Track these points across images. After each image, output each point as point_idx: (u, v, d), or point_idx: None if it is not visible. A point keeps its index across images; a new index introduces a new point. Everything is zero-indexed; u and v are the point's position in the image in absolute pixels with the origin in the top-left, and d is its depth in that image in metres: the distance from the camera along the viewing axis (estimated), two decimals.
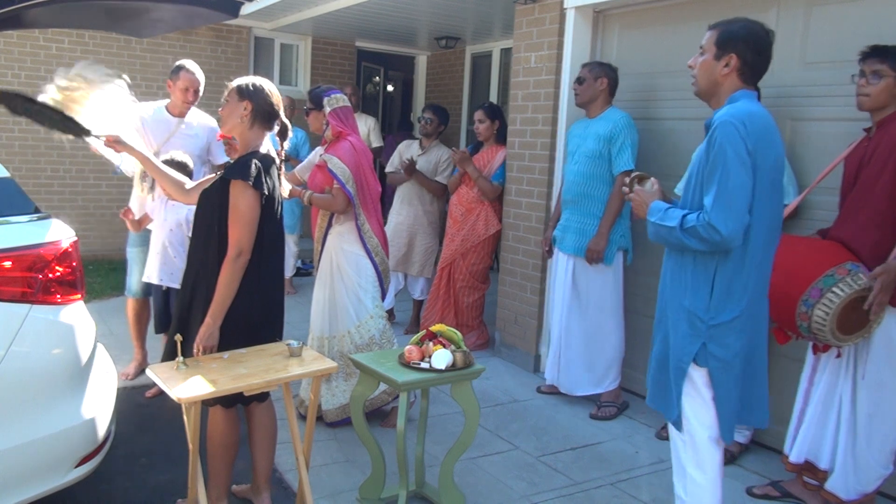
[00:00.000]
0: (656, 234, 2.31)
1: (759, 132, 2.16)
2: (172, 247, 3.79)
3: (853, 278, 2.66)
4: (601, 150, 3.96)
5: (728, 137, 2.13)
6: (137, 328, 4.32)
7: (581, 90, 4.08)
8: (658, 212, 2.30)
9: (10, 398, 2.27)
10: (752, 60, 2.26)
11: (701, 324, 2.25)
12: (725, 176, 2.13)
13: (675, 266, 2.35)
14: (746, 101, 2.24)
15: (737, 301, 2.23)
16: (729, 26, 2.28)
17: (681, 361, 2.29)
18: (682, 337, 2.29)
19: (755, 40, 2.25)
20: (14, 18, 3.87)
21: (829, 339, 2.72)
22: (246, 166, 2.56)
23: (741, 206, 2.13)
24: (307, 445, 2.75)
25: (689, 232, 2.18)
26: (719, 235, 2.12)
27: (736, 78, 2.28)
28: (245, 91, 2.66)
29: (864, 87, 2.80)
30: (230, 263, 2.53)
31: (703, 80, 2.34)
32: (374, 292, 3.67)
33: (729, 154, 2.12)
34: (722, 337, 2.24)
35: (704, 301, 2.25)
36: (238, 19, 7.48)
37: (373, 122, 7.04)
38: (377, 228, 3.70)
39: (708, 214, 2.13)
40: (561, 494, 3.18)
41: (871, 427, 2.84)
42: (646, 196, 2.38)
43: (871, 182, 2.77)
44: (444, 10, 6.46)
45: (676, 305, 2.32)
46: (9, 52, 7.07)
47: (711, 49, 2.29)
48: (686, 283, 2.29)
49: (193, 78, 4.21)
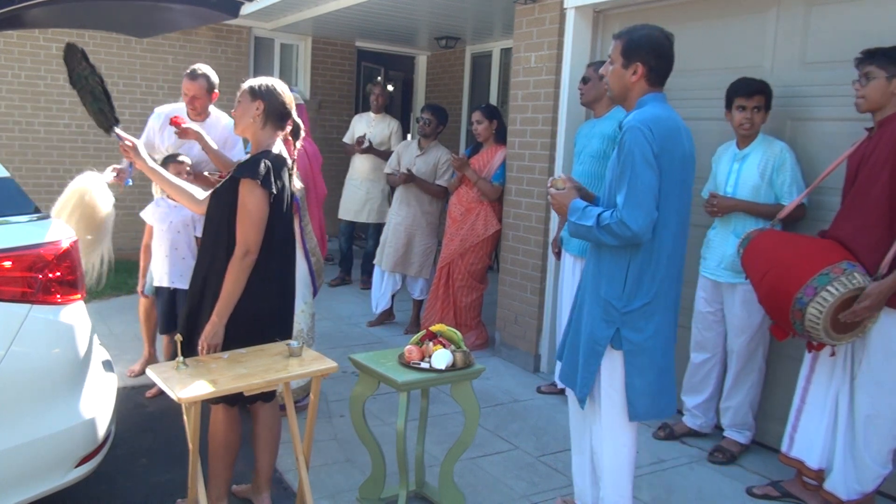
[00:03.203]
0: (576, 232, 2.48)
1: (664, 135, 2.34)
2: (181, 248, 3.80)
3: (848, 277, 2.67)
4: (606, 149, 3.95)
5: (636, 141, 2.32)
6: (148, 326, 4.29)
7: (585, 90, 4.08)
8: (577, 211, 2.48)
9: (11, 398, 2.27)
10: (655, 65, 2.45)
11: (614, 311, 2.43)
12: (634, 177, 2.32)
13: (594, 259, 2.54)
14: (653, 105, 2.43)
15: (646, 290, 2.42)
16: (631, 36, 2.46)
17: (597, 345, 2.47)
18: (597, 322, 2.47)
19: (656, 46, 2.44)
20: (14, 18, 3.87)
21: (823, 337, 2.73)
22: (255, 165, 2.56)
23: (649, 204, 2.32)
24: (307, 445, 2.75)
25: (604, 229, 2.36)
26: (630, 231, 2.31)
27: (644, 82, 2.46)
28: (257, 91, 2.66)
29: (859, 90, 2.84)
30: (237, 262, 2.54)
31: (615, 86, 2.52)
32: (303, 289, 3.75)
33: (637, 157, 2.32)
34: (634, 322, 2.42)
35: (618, 290, 2.43)
36: (238, 19, 7.48)
37: (396, 126, 6.78)
38: (317, 229, 3.87)
39: (620, 212, 2.32)
40: (561, 494, 3.18)
41: (868, 427, 2.84)
42: (562, 197, 2.55)
43: (869, 181, 2.78)
44: (444, 10, 6.46)
45: (594, 294, 2.50)
46: (9, 52, 7.07)
47: (619, 59, 2.47)
48: (602, 274, 2.48)
49: (189, 84, 4.00)
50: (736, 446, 3.57)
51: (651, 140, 2.31)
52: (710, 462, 3.53)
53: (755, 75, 3.43)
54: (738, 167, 3.43)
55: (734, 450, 3.56)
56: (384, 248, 5.60)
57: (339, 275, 7.06)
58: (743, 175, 3.39)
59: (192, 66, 4.09)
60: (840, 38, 3.33)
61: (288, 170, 2.72)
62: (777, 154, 3.31)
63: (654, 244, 2.39)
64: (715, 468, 3.49)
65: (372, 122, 6.74)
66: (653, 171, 2.32)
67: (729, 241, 3.40)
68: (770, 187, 3.34)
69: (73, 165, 7.47)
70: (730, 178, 3.45)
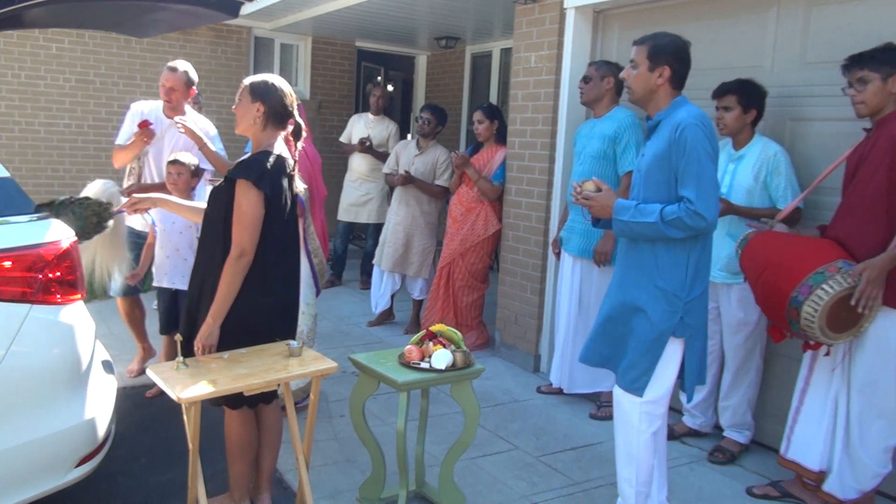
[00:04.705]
0: (629, 230, 2.58)
1: (712, 130, 2.53)
2: (184, 249, 3.80)
3: (843, 276, 2.67)
4: (606, 150, 3.95)
5: (697, 137, 2.46)
6: (134, 326, 4.31)
7: (587, 89, 4.06)
8: (628, 210, 2.58)
9: (10, 398, 2.27)
10: (679, 69, 2.61)
11: (678, 301, 2.56)
12: (702, 170, 2.46)
13: (642, 255, 2.62)
14: (689, 105, 2.59)
15: (703, 278, 2.60)
16: (656, 41, 2.61)
17: (662, 335, 2.58)
18: (661, 314, 2.57)
19: (680, 52, 2.61)
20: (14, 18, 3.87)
21: (819, 336, 2.73)
22: (251, 166, 2.55)
23: (716, 195, 2.50)
24: (307, 445, 2.75)
25: (672, 223, 2.47)
26: (705, 221, 2.44)
27: (668, 85, 2.61)
28: (257, 92, 2.63)
29: (856, 95, 2.83)
30: (232, 263, 2.52)
31: (640, 89, 2.65)
32: (306, 290, 3.74)
33: (701, 151, 2.46)
34: (695, 309, 2.58)
35: (681, 280, 2.56)
36: (238, 19, 7.48)
37: (394, 128, 6.76)
38: (320, 230, 3.89)
39: (693, 204, 2.43)
40: (561, 494, 3.18)
41: (864, 426, 2.84)
42: (603, 199, 2.65)
43: (866, 180, 2.78)
44: (444, 10, 6.46)
45: (650, 288, 2.60)
46: (9, 52, 7.07)
47: (644, 62, 2.61)
48: (658, 267, 2.58)
49: (168, 75, 3.99)
50: (736, 446, 3.57)
51: (708, 135, 2.48)
52: (710, 462, 3.53)
53: (755, 75, 3.44)
54: (733, 168, 3.43)
55: (734, 450, 3.56)
56: (383, 248, 5.59)
57: (330, 277, 7.02)
58: (738, 177, 3.39)
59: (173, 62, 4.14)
60: (840, 38, 3.33)
61: (289, 170, 2.69)
62: (771, 157, 3.31)
63: (708, 234, 2.57)
64: (715, 468, 3.49)
65: (370, 124, 6.73)
66: (714, 164, 2.49)
67: (724, 241, 3.39)
68: (764, 190, 3.34)
69: (73, 165, 7.48)
70: (724, 178, 3.45)
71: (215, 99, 7.81)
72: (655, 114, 2.64)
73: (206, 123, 4.29)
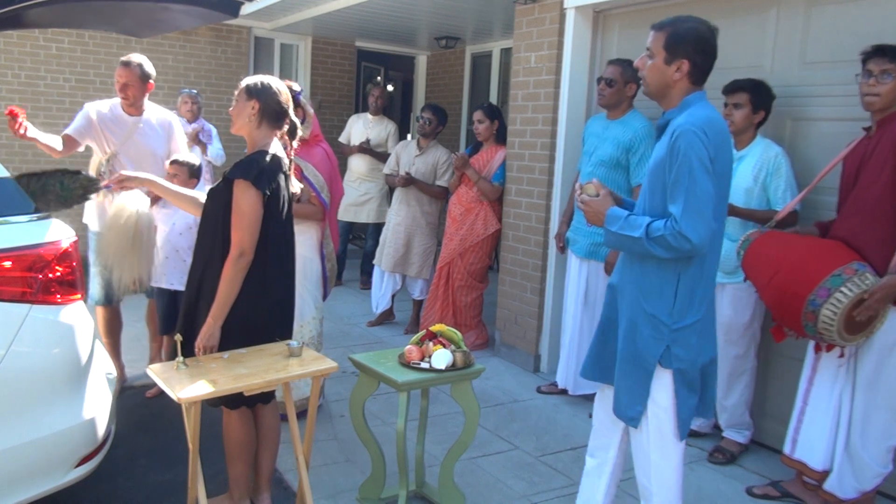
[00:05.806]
0: (619, 242, 2.28)
1: (717, 139, 2.16)
2: (183, 251, 3.79)
3: (860, 278, 2.66)
4: (619, 158, 3.89)
5: (692, 146, 2.12)
6: (110, 340, 4.05)
7: (609, 93, 3.93)
8: (618, 220, 2.26)
9: (10, 398, 2.27)
10: (701, 63, 2.25)
11: (664, 327, 2.24)
12: (692, 184, 2.11)
13: (634, 269, 2.32)
14: (700, 106, 2.23)
15: (698, 306, 2.24)
16: (676, 29, 2.25)
17: (646, 363, 2.27)
18: (645, 339, 2.27)
19: (702, 42, 2.24)
20: (14, 18, 3.88)
21: (836, 339, 2.72)
22: (249, 165, 2.55)
23: (708, 214, 2.13)
24: (307, 445, 2.75)
25: (656, 241, 2.15)
26: (689, 244, 2.11)
27: (686, 80, 2.26)
28: (253, 90, 2.64)
29: (875, 86, 2.76)
30: (232, 263, 2.53)
31: (654, 82, 2.31)
32: (317, 294, 3.74)
33: (694, 163, 2.12)
34: (685, 339, 2.24)
35: (668, 306, 2.24)
36: (238, 19, 7.47)
37: (393, 128, 6.76)
38: (334, 233, 3.87)
39: (678, 223, 2.11)
40: (561, 494, 3.18)
41: (865, 425, 2.84)
42: (598, 204, 2.33)
43: (871, 180, 2.78)
44: (444, 10, 6.46)
45: (636, 307, 2.30)
46: (9, 52, 7.07)
47: (661, 52, 2.27)
48: (648, 288, 2.27)
49: (122, 70, 3.85)
50: (735, 446, 3.57)
51: (707, 144, 2.12)
52: (710, 462, 3.53)
53: (755, 75, 3.43)
54: (733, 168, 3.42)
55: (734, 450, 3.56)
56: (384, 249, 5.60)
57: None
58: (738, 177, 3.38)
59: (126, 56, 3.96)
60: (840, 37, 3.33)
61: (285, 170, 2.70)
62: (772, 159, 3.30)
63: (706, 256, 2.21)
64: (715, 468, 3.49)
65: (369, 124, 6.74)
66: (710, 177, 2.13)
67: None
68: (763, 191, 3.34)
69: (73, 166, 7.44)
70: None
71: (215, 99, 7.81)
72: (666, 112, 2.32)
73: (168, 115, 4.11)
